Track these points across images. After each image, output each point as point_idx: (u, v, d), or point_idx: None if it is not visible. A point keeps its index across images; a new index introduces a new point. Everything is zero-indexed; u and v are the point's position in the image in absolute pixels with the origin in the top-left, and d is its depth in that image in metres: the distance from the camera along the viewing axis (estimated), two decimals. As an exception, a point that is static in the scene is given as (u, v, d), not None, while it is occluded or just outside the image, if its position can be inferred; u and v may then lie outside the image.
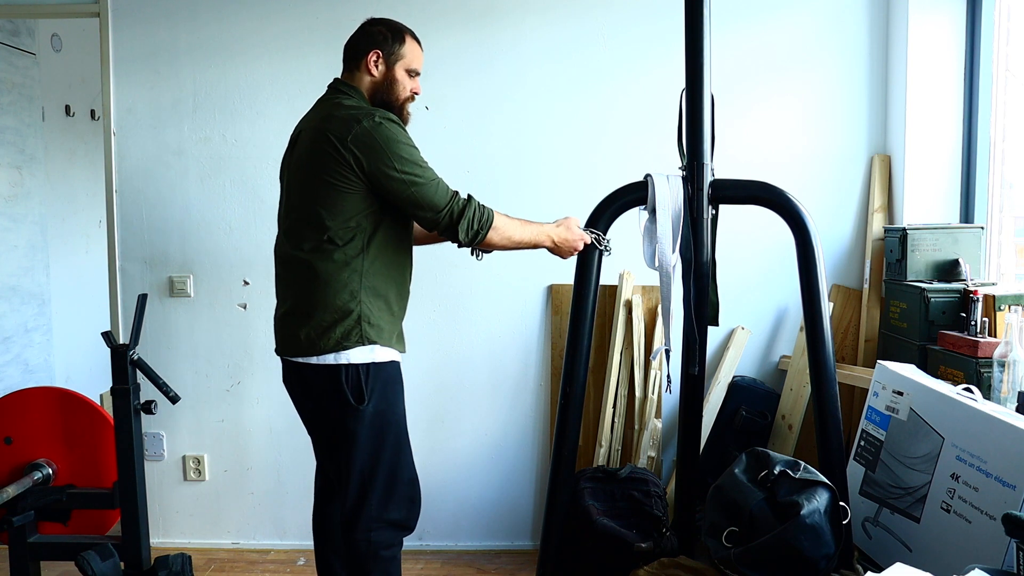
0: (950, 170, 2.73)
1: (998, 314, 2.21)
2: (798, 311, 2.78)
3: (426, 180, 1.83)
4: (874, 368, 2.29)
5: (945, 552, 1.86)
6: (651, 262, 2.06)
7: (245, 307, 2.93)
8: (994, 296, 2.24)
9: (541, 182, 2.85)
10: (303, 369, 1.90)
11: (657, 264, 2.05)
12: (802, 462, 1.92)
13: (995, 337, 2.19)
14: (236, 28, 2.85)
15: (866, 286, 2.81)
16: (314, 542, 2.16)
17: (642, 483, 2.44)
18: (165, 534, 3.01)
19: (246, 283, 2.92)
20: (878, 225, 2.81)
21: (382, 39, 1.93)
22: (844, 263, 2.88)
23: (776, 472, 1.89)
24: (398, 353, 1.97)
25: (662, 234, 2.02)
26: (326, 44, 2.77)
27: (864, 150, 2.85)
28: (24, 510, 2.39)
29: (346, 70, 1.98)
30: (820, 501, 1.83)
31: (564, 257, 2.07)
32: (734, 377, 2.84)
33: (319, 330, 1.86)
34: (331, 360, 1.86)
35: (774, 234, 2.42)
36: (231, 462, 2.99)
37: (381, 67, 1.94)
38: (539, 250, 2.05)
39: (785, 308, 2.90)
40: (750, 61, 2.81)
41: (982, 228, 2.54)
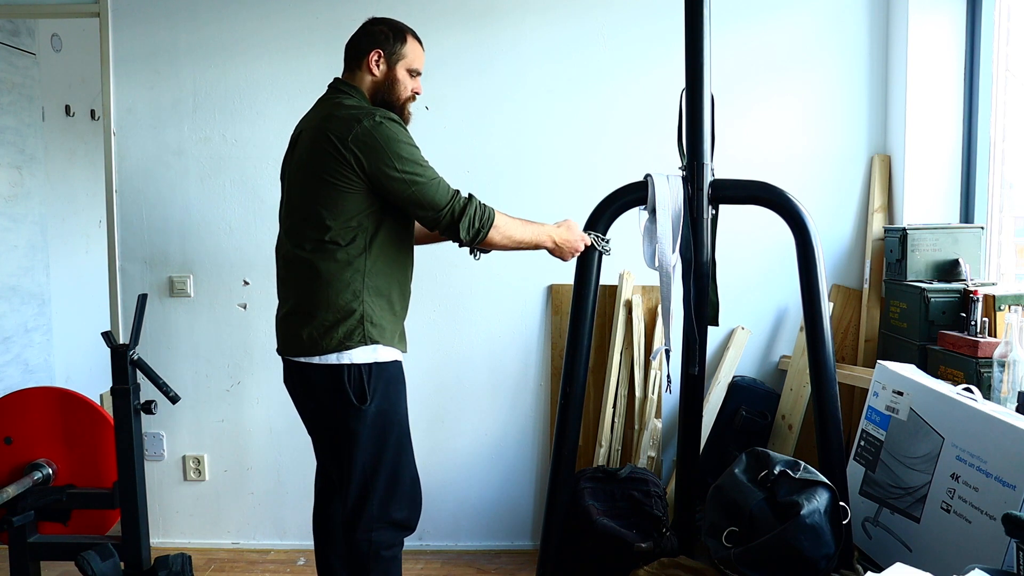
0: (950, 170, 2.74)
1: (998, 314, 2.21)
2: (798, 311, 2.79)
3: (427, 179, 1.83)
4: (874, 368, 2.29)
5: (945, 552, 1.86)
6: (651, 262, 2.07)
7: (245, 307, 2.93)
8: (994, 296, 2.24)
9: (541, 182, 2.85)
10: (305, 369, 1.90)
11: (657, 264, 2.05)
12: (802, 462, 1.93)
13: (995, 337, 2.19)
14: (236, 28, 2.85)
15: (866, 286, 2.82)
16: (314, 542, 2.16)
17: (642, 483, 2.44)
18: (165, 534, 3.01)
19: (246, 283, 2.92)
20: (878, 225, 2.81)
21: (383, 39, 1.93)
22: (844, 263, 2.88)
23: (776, 472, 1.89)
24: (400, 353, 1.97)
25: (662, 234, 2.02)
26: (326, 44, 2.78)
27: (864, 150, 2.85)
28: (24, 510, 2.39)
29: (347, 70, 1.98)
30: (820, 501, 1.83)
31: (565, 259, 2.07)
32: (734, 377, 2.84)
33: (321, 330, 1.85)
34: (333, 360, 1.86)
35: (774, 234, 2.42)
36: (231, 462, 2.99)
37: (382, 67, 1.93)
38: (539, 251, 2.05)
39: (785, 308, 2.90)
40: (750, 61, 2.81)
41: (982, 228, 2.55)
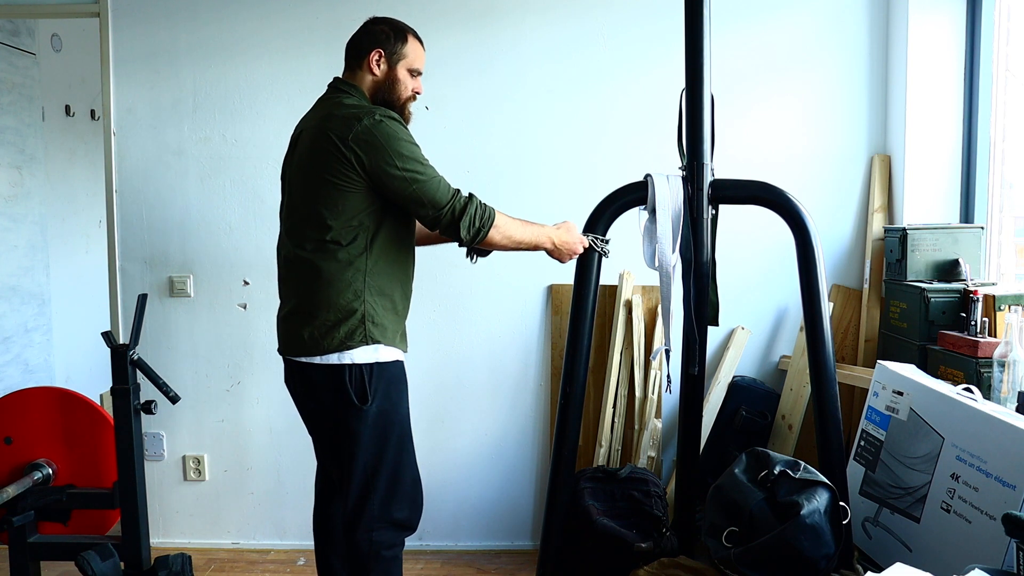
0: (950, 170, 2.74)
1: (998, 314, 2.21)
2: (798, 311, 2.79)
3: (428, 177, 1.83)
4: (874, 368, 2.29)
5: (945, 552, 1.86)
6: (651, 262, 2.07)
7: (245, 307, 2.93)
8: (994, 296, 2.24)
9: (541, 182, 2.85)
10: (306, 369, 1.90)
11: (657, 264, 2.05)
12: (802, 462, 1.93)
13: (995, 337, 2.19)
14: (236, 28, 2.85)
15: (866, 286, 2.82)
16: (315, 542, 2.16)
17: (642, 483, 2.44)
18: (165, 534, 3.01)
19: (246, 283, 2.92)
20: (878, 225, 2.81)
21: (384, 38, 1.93)
22: (844, 263, 2.88)
23: (776, 472, 1.89)
24: (402, 352, 1.97)
25: (662, 234, 2.02)
26: (326, 44, 2.78)
27: (864, 150, 2.85)
28: (24, 510, 2.39)
29: (347, 69, 1.98)
30: (820, 501, 1.83)
31: (563, 261, 2.07)
32: (734, 377, 2.84)
33: (323, 330, 1.85)
34: (335, 360, 1.86)
35: (774, 234, 2.42)
36: (231, 462, 2.99)
37: (383, 66, 1.93)
38: (539, 251, 2.05)
39: (785, 308, 2.90)
40: (750, 61, 2.81)
41: (982, 228, 2.55)
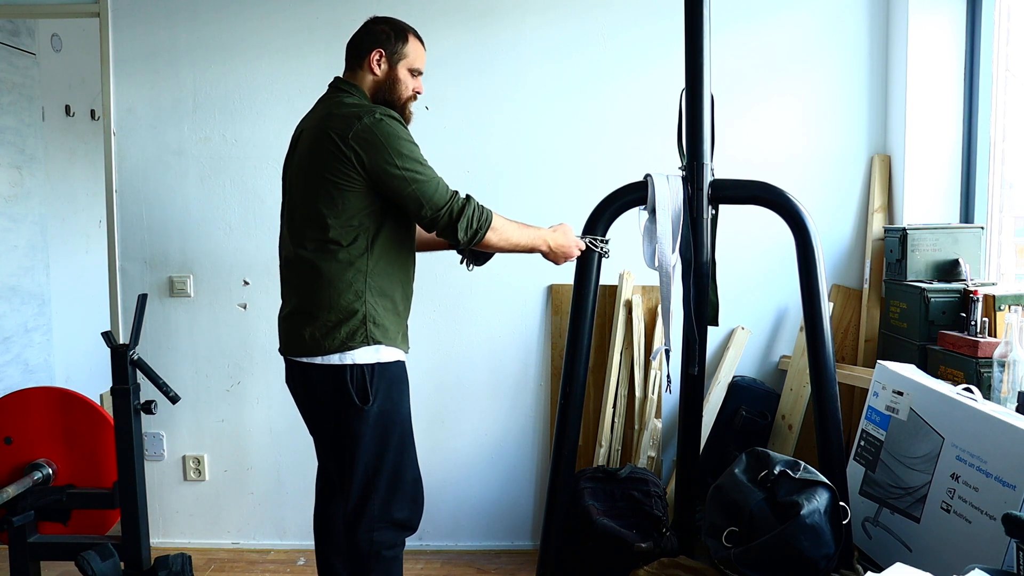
0: (950, 170, 2.74)
1: (998, 314, 2.21)
2: (798, 311, 2.78)
3: (427, 178, 1.83)
4: (874, 368, 2.29)
5: (945, 552, 1.86)
6: (651, 262, 2.07)
7: (245, 307, 2.93)
8: (994, 296, 2.24)
9: (541, 182, 2.85)
10: (307, 369, 1.90)
11: (657, 264, 2.05)
12: (802, 462, 1.93)
13: (995, 337, 2.19)
14: (236, 28, 2.85)
15: (866, 286, 2.82)
16: (315, 542, 2.16)
17: (642, 483, 2.44)
18: (165, 534, 3.01)
19: (246, 283, 2.92)
20: (878, 225, 2.81)
21: (385, 38, 1.93)
22: (844, 263, 2.88)
23: (776, 472, 1.89)
24: (403, 353, 1.97)
25: (662, 234, 2.02)
26: (326, 44, 2.78)
27: (864, 150, 2.85)
28: (24, 510, 2.39)
29: (348, 69, 1.98)
30: (820, 501, 1.83)
31: (558, 263, 2.07)
32: (734, 377, 2.84)
33: (324, 330, 1.85)
34: (336, 360, 1.86)
35: (774, 234, 2.42)
36: (231, 462, 2.99)
37: (384, 66, 1.93)
38: (535, 253, 2.05)
39: (785, 308, 2.90)
40: (750, 61, 2.81)
41: (982, 228, 2.55)
